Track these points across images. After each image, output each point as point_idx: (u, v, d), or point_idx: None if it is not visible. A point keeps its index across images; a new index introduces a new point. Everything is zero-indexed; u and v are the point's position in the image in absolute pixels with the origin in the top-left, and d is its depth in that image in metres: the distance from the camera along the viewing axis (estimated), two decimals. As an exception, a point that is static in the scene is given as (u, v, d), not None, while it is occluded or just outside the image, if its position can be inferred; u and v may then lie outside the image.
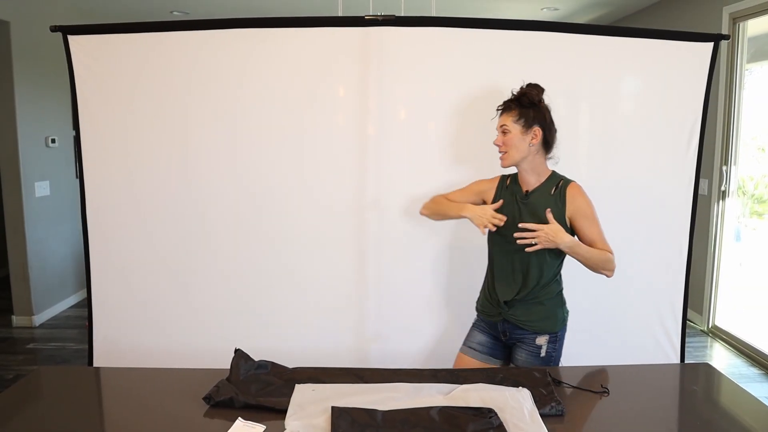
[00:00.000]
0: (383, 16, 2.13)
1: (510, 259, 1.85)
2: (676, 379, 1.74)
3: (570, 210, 1.79)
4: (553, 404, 1.47)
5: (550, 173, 1.85)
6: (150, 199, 2.28)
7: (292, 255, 2.30)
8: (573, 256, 1.77)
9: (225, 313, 2.33)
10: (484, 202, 1.94)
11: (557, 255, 1.83)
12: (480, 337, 1.97)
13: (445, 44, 2.19)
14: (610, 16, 5.45)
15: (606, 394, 1.58)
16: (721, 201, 3.94)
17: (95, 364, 2.35)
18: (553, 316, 1.85)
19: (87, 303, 2.35)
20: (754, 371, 3.48)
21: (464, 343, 2.00)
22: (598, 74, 2.25)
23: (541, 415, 1.41)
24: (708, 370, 1.78)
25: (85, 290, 2.35)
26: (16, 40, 4.06)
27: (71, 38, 2.20)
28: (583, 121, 2.29)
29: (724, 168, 3.90)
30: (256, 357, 1.69)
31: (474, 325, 2.01)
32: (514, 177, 1.90)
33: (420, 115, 2.23)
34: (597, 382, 1.64)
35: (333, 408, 1.38)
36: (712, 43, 2.25)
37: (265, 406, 1.46)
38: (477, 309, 2.01)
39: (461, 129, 2.24)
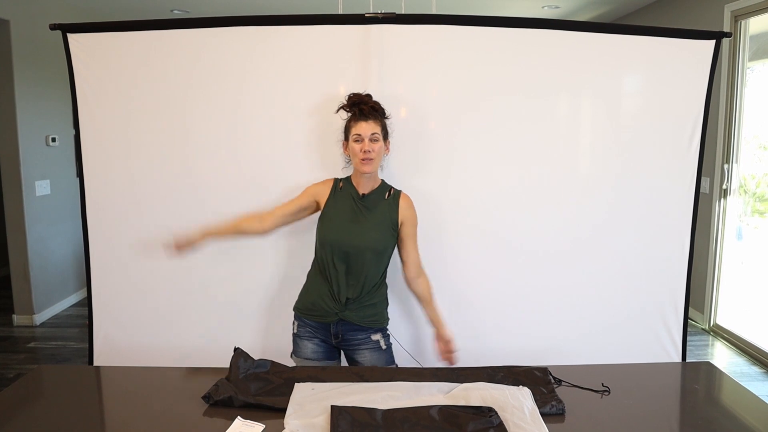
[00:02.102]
0: (383, 13, 2.13)
1: (347, 261, 1.88)
2: (678, 378, 1.73)
3: (403, 216, 1.95)
4: (553, 403, 1.47)
5: (381, 181, 1.98)
6: (150, 197, 2.28)
7: (293, 253, 2.30)
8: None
9: (225, 312, 2.33)
10: (317, 204, 1.99)
11: (387, 257, 1.95)
12: (310, 345, 1.95)
13: (445, 42, 2.18)
14: (612, 14, 5.43)
15: (607, 393, 1.57)
16: (722, 199, 3.93)
17: (95, 362, 2.35)
18: (381, 314, 1.97)
19: (87, 302, 2.35)
20: (755, 370, 3.47)
21: (296, 355, 1.97)
22: (599, 72, 2.24)
23: (542, 414, 1.41)
24: (709, 368, 1.78)
25: (86, 289, 2.35)
26: (17, 38, 4.05)
27: (71, 36, 2.19)
28: (583, 119, 2.29)
29: (726, 166, 3.89)
30: (256, 356, 1.69)
31: (298, 336, 1.97)
32: (347, 181, 1.98)
33: (421, 114, 2.23)
34: (598, 380, 1.64)
35: (332, 407, 1.38)
36: (714, 41, 2.24)
37: (265, 405, 1.46)
38: (302, 312, 1.97)
39: (461, 127, 2.24)
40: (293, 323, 2.01)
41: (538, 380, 1.59)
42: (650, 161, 2.29)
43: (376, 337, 1.94)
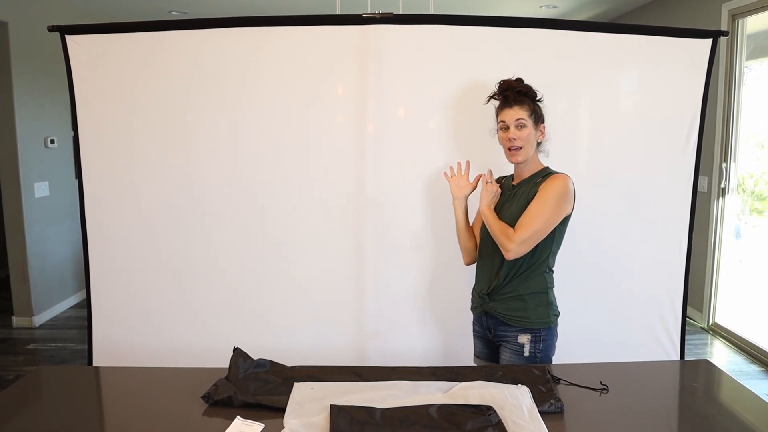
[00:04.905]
0: (381, 14, 2.13)
1: (490, 247, 1.86)
2: (676, 376, 1.74)
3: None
4: (552, 401, 1.47)
5: (541, 167, 1.86)
6: (149, 199, 2.28)
7: (292, 253, 2.30)
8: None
9: (223, 311, 2.33)
10: None
11: (538, 250, 1.78)
12: (478, 344, 1.97)
13: (443, 42, 2.19)
14: (609, 14, 5.44)
15: (605, 391, 1.58)
16: (720, 198, 3.94)
17: (95, 363, 2.35)
18: (534, 314, 1.80)
19: (86, 303, 2.35)
20: (754, 368, 3.47)
21: (474, 354, 2.01)
22: (597, 71, 2.24)
23: (540, 413, 1.41)
24: (708, 367, 1.78)
25: (85, 290, 2.35)
26: (15, 40, 4.05)
27: (69, 38, 2.20)
28: (581, 119, 2.29)
29: (724, 165, 3.89)
30: (255, 355, 1.69)
31: (473, 331, 2.00)
32: (510, 175, 1.93)
33: (418, 113, 2.23)
34: (596, 379, 1.64)
35: (332, 406, 1.38)
36: (711, 40, 2.24)
37: (264, 405, 1.46)
38: (471, 305, 1.99)
39: (460, 127, 2.24)
40: None
41: (536, 379, 1.59)
42: (648, 160, 2.30)
43: (523, 339, 1.79)
